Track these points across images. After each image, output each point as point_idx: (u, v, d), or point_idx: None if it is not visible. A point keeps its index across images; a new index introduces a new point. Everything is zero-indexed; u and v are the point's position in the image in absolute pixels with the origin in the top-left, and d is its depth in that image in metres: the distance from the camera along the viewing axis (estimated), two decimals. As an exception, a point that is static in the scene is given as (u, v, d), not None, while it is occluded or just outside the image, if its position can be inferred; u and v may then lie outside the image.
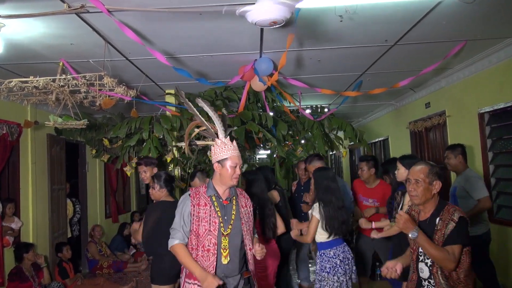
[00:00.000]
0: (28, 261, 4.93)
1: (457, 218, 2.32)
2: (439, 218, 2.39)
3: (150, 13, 2.89)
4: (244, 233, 2.56)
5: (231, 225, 2.51)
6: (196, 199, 2.55)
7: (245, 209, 2.64)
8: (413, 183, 2.46)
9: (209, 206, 2.52)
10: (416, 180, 2.44)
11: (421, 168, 2.47)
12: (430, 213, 2.47)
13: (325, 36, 3.56)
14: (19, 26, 3.09)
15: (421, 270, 2.44)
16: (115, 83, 3.48)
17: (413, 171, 2.49)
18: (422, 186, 2.42)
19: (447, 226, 2.33)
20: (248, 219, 2.63)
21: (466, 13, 3.17)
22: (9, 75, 4.19)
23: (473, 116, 4.64)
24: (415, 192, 2.44)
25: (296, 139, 5.52)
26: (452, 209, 2.39)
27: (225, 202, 2.56)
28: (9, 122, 4.91)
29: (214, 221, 2.49)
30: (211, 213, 2.51)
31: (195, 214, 2.51)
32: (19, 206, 5.19)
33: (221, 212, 2.53)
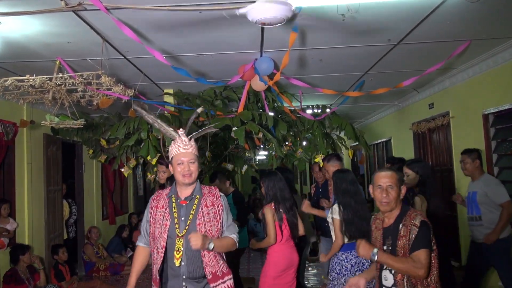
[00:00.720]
0: (24, 263, 4.86)
1: (419, 223, 2.28)
2: (402, 224, 2.35)
3: (149, 11, 2.83)
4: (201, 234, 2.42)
5: (187, 225, 2.43)
6: (156, 201, 2.55)
7: (210, 208, 2.49)
8: (385, 190, 2.38)
9: (165, 208, 2.49)
10: (390, 186, 2.38)
11: (391, 173, 2.43)
12: (394, 219, 2.42)
13: (327, 35, 3.51)
14: (15, 24, 3.04)
15: (385, 278, 2.38)
16: (112, 82, 3.43)
17: (385, 177, 2.41)
18: (394, 192, 2.37)
19: (411, 232, 2.28)
20: (213, 219, 2.47)
21: (470, 13, 3.12)
22: (5, 73, 4.13)
23: (477, 117, 4.58)
24: (387, 198, 2.37)
25: (297, 139, 5.46)
26: (413, 214, 2.36)
27: (182, 202, 2.49)
28: (5, 122, 4.84)
29: (165, 223, 2.44)
30: (164, 215, 2.47)
31: (152, 217, 2.51)
32: (14, 207, 5.12)
33: (177, 212, 2.46)
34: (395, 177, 2.41)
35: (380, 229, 2.48)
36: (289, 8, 2.62)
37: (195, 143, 2.54)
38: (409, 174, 3.47)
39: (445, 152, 5.65)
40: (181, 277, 2.41)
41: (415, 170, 3.47)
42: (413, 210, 2.43)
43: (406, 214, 2.37)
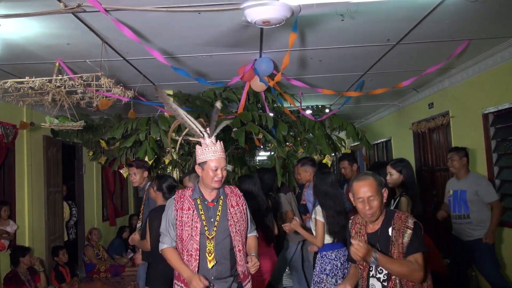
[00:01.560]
0: (24, 265, 4.86)
1: (412, 225, 2.20)
2: (392, 228, 2.25)
3: (148, 13, 2.83)
4: (233, 234, 2.48)
5: (215, 227, 2.45)
6: (180, 203, 2.52)
7: (236, 208, 2.54)
8: (365, 201, 2.25)
9: (192, 210, 2.48)
10: (370, 197, 2.24)
11: (370, 181, 2.27)
12: (380, 223, 2.31)
13: (326, 35, 3.51)
14: (14, 26, 3.03)
15: (372, 286, 2.27)
16: (112, 84, 3.43)
17: (362, 188, 2.26)
18: (377, 201, 2.25)
19: (404, 235, 2.19)
20: (240, 218, 2.53)
21: (469, 12, 3.11)
22: (5, 75, 4.13)
23: (477, 116, 4.58)
24: (371, 210, 2.24)
25: (297, 140, 5.46)
26: (403, 216, 2.27)
27: (210, 204, 2.51)
28: (5, 124, 4.84)
29: (195, 226, 2.45)
30: (193, 218, 2.47)
31: (179, 219, 2.50)
32: (14, 209, 5.11)
33: (205, 215, 2.48)
34: (375, 184, 2.27)
35: (363, 235, 2.35)
36: (288, 9, 2.62)
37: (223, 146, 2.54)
38: (393, 173, 3.42)
39: (445, 151, 5.64)
40: (210, 278, 2.44)
41: (399, 170, 3.42)
42: (400, 212, 2.34)
43: (394, 217, 2.28)
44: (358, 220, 2.45)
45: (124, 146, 4.57)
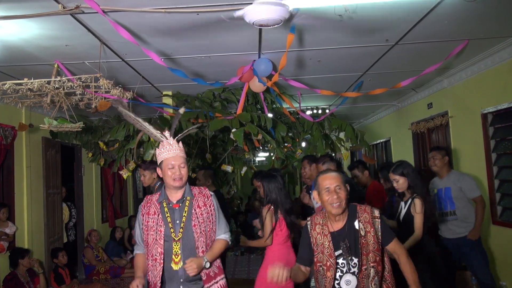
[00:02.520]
0: (24, 267, 4.85)
1: (378, 214, 2.30)
2: (358, 221, 2.28)
3: (146, 14, 2.83)
4: (196, 235, 2.43)
5: (182, 228, 2.43)
6: (147, 207, 2.53)
7: (203, 208, 2.50)
8: (333, 191, 2.27)
9: (157, 214, 2.48)
10: (337, 186, 2.28)
11: (336, 174, 2.34)
12: (344, 220, 2.32)
13: (324, 36, 3.50)
14: (12, 28, 3.03)
15: (348, 282, 2.25)
16: (111, 85, 3.42)
17: (330, 178, 2.31)
18: (344, 192, 2.29)
19: (374, 226, 2.27)
20: (207, 219, 2.48)
21: (468, 12, 3.11)
22: (3, 77, 4.12)
23: (476, 116, 4.58)
24: (338, 200, 2.25)
25: (296, 141, 5.46)
26: (366, 207, 2.33)
27: (175, 206, 2.49)
28: (3, 125, 4.83)
29: (159, 229, 2.44)
30: (158, 221, 2.46)
31: (145, 224, 2.50)
32: (13, 210, 5.10)
33: (171, 217, 2.46)
34: (340, 177, 2.33)
35: (326, 235, 2.33)
36: (286, 9, 2.62)
37: (183, 146, 2.52)
38: (397, 179, 3.38)
39: (444, 151, 5.64)
40: (179, 280, 2.42)
41: (401, 173, 3.37)
42: (360, 204, 2.37)
43: (357, 210, 2.33)
44: (317, 220, 2.41)
45: (128, 147, 4.57)
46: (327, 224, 2.36)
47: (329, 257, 2.29)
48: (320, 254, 2.34)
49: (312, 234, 2.40)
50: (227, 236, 2.63)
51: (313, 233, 2.39)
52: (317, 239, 2.36)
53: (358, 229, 2.27)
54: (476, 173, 4.61)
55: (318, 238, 2.36)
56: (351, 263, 2.26)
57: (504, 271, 4.27)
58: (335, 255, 2.29)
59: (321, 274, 2.33)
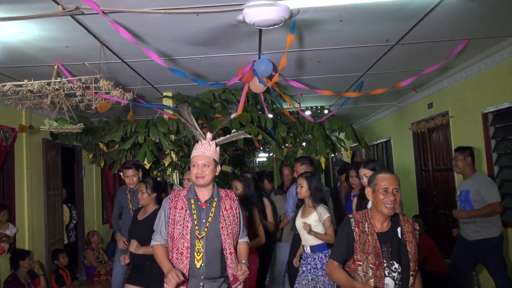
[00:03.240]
0: (24, 269, 4.84)
1: (418, 227, 2.40)
2: (401, 230, 2.35)
3: (146, 15, 2.83)
4: (224, 237, 2.50)
5: (206, 227, 2.48)
6: (174, 202, 2.57)
7: (229, 211, 2.56)
8: (390, 192, 2.29)
9: (184, 210, 2.53)
10: (395, 188, 2.31)
11: (395, 176, 2.36)
12: (389, 224, 2.36)
13: (325, 36, 3.50)
14: (12, 29, 3.02)
15: (386, 285, 2.27)
16: (111, 86, 3.41)
17: (390, 179, 2.32)
18: (400, 194, 2.33)
19: (416, 237, 2.36)
20: (233, 222, 2.56)
21: (468, 12, 3.11)
22: (3, 78, 4.13)
23: (476, 116, 4.57)
24: (394, 201, 2.28)
25: (297, 141, 5.45)
26: (408, 219, 2.42)
27: (203, 204, 2.54)
28: (4, 127, 4.83)
29: (186, 225, 2.49)
30: (185, 217, 2.51)
31: (171, 217, 2.54)
32: (14, 212, 5.10)
33: (197, 214, 2.51)
34: (398, 180, 2.36)
35: (373, 233, 2.33)
36: (287, 10, 2.62)
37: (216, 147, 2.57)
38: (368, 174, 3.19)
39: (445, 151, 5.64)
40: (199, 277, 2.47)
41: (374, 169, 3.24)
42: (404, 216, 2.43)
43: (399, 219, 2.37)
44: (360, 219, 2.40)
45: (123, 148, 4.56)
46: (371, 224, 2.37)
47: (377, 256, 2.29)
48: (361, 253, 2.31)
49: (355, 232, 2.36)
50: (247, 239, 2.73)
51: (356, 230, 2.37)
52: (361, 237, 2.34)
53: (400, 238, 2.33)
54: (477, 173, 4.61)
55: (362, 236, 2.34)
56: (392, 267, 2.29)
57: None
58: (381, 254, 2.29)
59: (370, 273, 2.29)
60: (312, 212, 3.57)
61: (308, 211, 3.61)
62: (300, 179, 3.65)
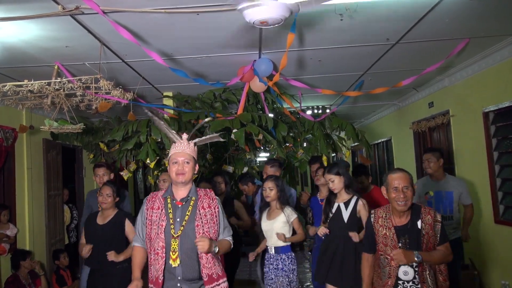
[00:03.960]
0: (25, 269, 4.84)
1: (440, 218, 2.55)
2: (421, 221, 2.53)
3: (146, 14, 2.82)
4: (199, 235, 2.45)
5: (182, 226, 2.46)
6: (151, 202, 2.59)
7: (207, 210, 2.54)
8: (400, 190, 2.52)
9: (160, 209, 2.53)
10: (405, 186, 2.52)
11: (406, 174, 2.57)
12: (408, 217, 2.58)
13: (325, 35, 3.50)
14: (12, 29, 3.02)
15: (406, 273, 2.54)
16: (111, 86, 3.41)
17: (400, 178, 2.55)
18: (410, 192, 2.53)
19: (435, 228, 2.53)
20: (210, 221, 2.52)
21: (469, 10, 3.10)
22: (3, 79, 4.12)
23: (477, 115, 4.56)
24: (404, 199, 2.51)
25: (297, 141, 5.44)
26: (431, 211, 2.58)
27: (178, 203, 2.52)
28: (4, 127, 4.83)
29: (161, 224, 2.49)
30: (160, 216, 2.50)
31: (149, 218, 2.56)
32: (15, 212, 5.10)
33: (173, 213, 2.50)
34: (409, 177, 2.56)
35: (390, 228, 2.58)
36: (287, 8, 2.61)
37: (194, 146, 2.59)
38: (333, 179, 3.39)
39: (445, 151, 5.63)
40: (176, 278, 2.44)
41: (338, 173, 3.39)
42: (424, 207, 2.61)
43: (421, 212, 2.56)
44: (380, 214, 2.67)
45: (125, 148, 4.56)
46: (390, 218, 2.62)
47: (393, 248, 2.54)
48: (381, 244, 2.62)
49: (375, 226, 2.67)
50: (230, 239, 2.68)
51: (376, 225, 2.67)
52: (380, 231, 2.63)
53: (420, 229, 2.53)
54: (478, 172, 4.61)
55: (380, 230, 2.63)
56: None
57: (506, 271, 4.26)
58: (398, 246, 2.53)
59: (385, 263, 2.60)
60: (279, 214, 3.60)
61: (274, 213, 3.63)
62: (268, 182, 3.66)
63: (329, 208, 3.49)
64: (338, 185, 3.40)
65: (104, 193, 3.60)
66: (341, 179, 3.39)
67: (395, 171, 2.64)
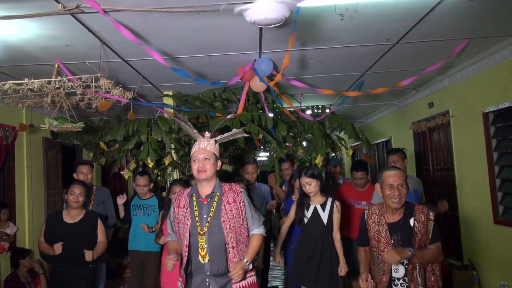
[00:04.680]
0: (24, 268, 4.84)
1: (433, 217, 2.55)
2: (414, 219, 2.55)
3: (147, 13, 2.82)
4: (226, 231, 2.47)
5: (208, 223, 2.47)
6: (177, 201, 2.61)
7: (232, 205, 2.53)
8: (395, 188, 2.55)
9: (186, 208, 2.54)
10: (400, 184, 2.55)
11: (400, 172, 2.62)
12: (401, 214, 2.60)
13: (325, 35, 3.50)
14: (13, 28, 3.02)
15: (396, 270, 2.56)
16: (111, 85, 3.42)
17: (394, 176, 2.59)
18: (405, 189, 2.56)
19: (427, 227, 2.53)
20: (236, 215, 2.52)
21: (469, 10, 3.10)
22: (3, 77, 4.12)
23: (477, 115, 4.56)
24: (399, 196, 2.54)
25: (297, 140, 5.44)
26: (424, 209, 2.58)
27: (203, 200, 2.54)
28: (4, 126, 4.83)
29: (186, 223, 2.51)
30: (185, 215, 2.52)
31: (176, 216, 2.60)
32: (14, 211, 5.11)
33: (198, 211, 2.52)
34: (403, 175, 2.60)
35: (383, 224, 2.62)
36: (287, 8, 2.61)
37: (215, 143, 2.61)
38: (310, 182, 3.37)
39: (445, 151, 5.63)
40: (205, 274, 2.46)
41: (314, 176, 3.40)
42: (419, 205, 2.63)
43: (414, 210, 2.58)
44: (374, 210, 2.71)
45: (126, 148, 4.56)
46: (384, 215, 2.65)
47: (386, 245, 2.57)
48: (374, 241, 2.65)
49: (368, 223, 2.71)
50: (261, 230, 2.66)
51: (369, 222, 2.70)
52: (372, 227, 2.67)
53: (412, 226, 2.54)
54: (478, 173, 4.61)
55: (373, 226, 2.67)
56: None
57: (506, 271, 4.25)
58: (391, 243, 2.56)
59: (379, 259, 2.63)
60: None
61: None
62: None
63: (302, 212, 3.48)
64: (315, 188, 3.40)
65: (75, 192, 3.60)
66: (317, 182, 3.39)
67: (390, 169, 2.70)
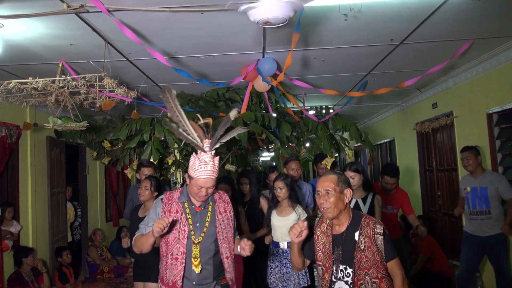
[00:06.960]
0: (28, 266, 4.87)
1: (381, 230, 2.18)
2: (359, 233, 2.20)
3: (151, 13, 2.83)
4: (220, 241, 2.43)
5: (203, 233, 2.40)
6: (168, 205, 2.46)
7: (224, 215, 2.49)
8: (323, 195, 2.22)
9: (180, 213, 2.43)
10: (326, 190, 2.21)
11: (331, 177, 2.26)
12: (345, 226, 2.26)
13: (329, 35, 3.50)
14: (17, 27, 3.03)
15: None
16: (115, 84, 3.42)
17: (324, 181, 2.24)
18: (333, 196, 2.20)
19: (376, 242, 2.17)
20: (227, 225, 2.49)
21: (473, 11, 3.10)
22: (8, 76, 4.14)
23: (481, 116, 4.55)
24: (327, 204, 2.20)
25: (301, 140, 5.44)
26: (370, 222, 2.22)
27: (197, 208, 2.46)
28: (8, 124, 4.85)
29: (183, 229, 2.39)
30: (181, 221, 2.41)
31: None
32: (18, 209, 5.12)
33: (192, 219, 2.42)
34: (336, 181, 2.24)
35: (329, 235, 2.30)
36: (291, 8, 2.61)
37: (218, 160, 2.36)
38: (353, 176, 3.41)
39: (449, 152, 5.62)
40: (192, 283, 2.40)
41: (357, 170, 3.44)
42: (367, 216, 2.28)
43: (361, 222, 2.23)
44: (324, 219, 2.37)
45: (129, 146, 4.57)
46: (331, 225, 2.32)
47: (328, 259, 2.26)
48: (320, 253, 2.32)
49: (315, 232, 2.38)
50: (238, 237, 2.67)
51: (317, 231, 2.38)
52: (320, 237, 2.34)
53: (356, 241, 2.20)
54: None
55: (321, 236, 2.34)
56: (345, 272, 2.21)
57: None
58: (333, 257, 2.25)
59: (320, 274, 2.30)
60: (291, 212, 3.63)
61: (286, 211, 3.65)
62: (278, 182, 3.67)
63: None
64: (358, 182, 3.45)
65: (142, 186, 3.65)
66: (360, 176, 3.46)
67: (324, 174, 2.37)
